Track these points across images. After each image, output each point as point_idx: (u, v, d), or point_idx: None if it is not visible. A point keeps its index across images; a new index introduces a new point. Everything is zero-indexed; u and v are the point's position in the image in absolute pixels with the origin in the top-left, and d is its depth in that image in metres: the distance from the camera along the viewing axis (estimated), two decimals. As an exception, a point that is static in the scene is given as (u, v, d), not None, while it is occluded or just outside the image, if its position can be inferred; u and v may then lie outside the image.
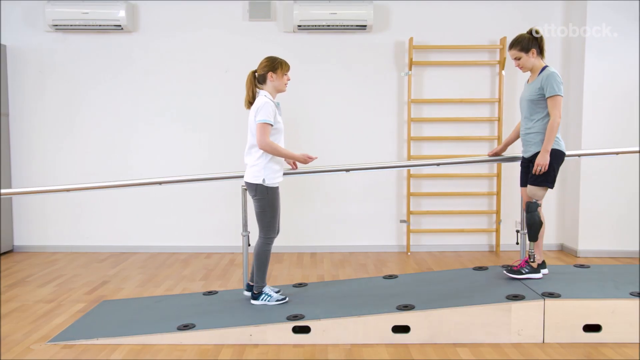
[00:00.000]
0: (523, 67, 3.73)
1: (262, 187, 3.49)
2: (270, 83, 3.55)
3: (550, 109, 3.57)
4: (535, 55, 3.67)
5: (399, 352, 3.15)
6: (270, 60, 3.56)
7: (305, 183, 5.71)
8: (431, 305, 3.36)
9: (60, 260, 5.48)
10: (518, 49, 3.67)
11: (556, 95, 3.55)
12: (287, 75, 3.59)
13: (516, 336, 3.25)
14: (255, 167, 3.51)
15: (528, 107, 3.71)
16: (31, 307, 3.98)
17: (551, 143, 3.57)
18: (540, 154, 3.59)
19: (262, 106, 3.45)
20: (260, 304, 3.62)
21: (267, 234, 3.57)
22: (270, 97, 3.54)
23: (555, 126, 3.55)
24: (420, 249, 5.82)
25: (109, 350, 3.17)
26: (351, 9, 5.49)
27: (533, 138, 3.68)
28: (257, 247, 3.60)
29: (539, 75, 3.65)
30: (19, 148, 5.80)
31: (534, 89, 3.65)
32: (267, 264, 3.63)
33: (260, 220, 3.57)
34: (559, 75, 3.61)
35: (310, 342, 3.27)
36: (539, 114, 3.64)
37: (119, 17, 5.50)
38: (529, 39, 3.66)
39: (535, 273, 3.73)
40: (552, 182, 3.66)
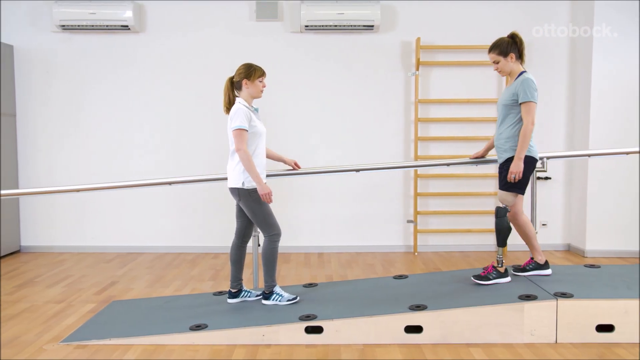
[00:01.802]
0: (501, 71, 3.70)
1: (243, 190, 3.51)
2: (246, 90, 3.58)
3: (523, 115, 3.54)
4: (514, 59, 3.63)
5: (412, 352, 3.15)
6: (245, 67, 3.59)
7: (312, 183, 5.71)
8: (443, 305, 3.35)
9: (68, 260, 5.48)
10: (496, 53, 3.64)
11: (529, 101, 3.51)
12: (262, 82, 3.61)
13: (529, 336, 3.25)
14: (235, 171, 3.54)
15: (502, 112, 3.68)
16: (41, 308, 3.97)
17: (524, 150, 3.53)
18: (513, 162, 3.56)
19: (235, 113, 3.49)
20: (271, 304, 3.62)
21: (270, 232, 3.59)
22: (245, 103, 3.56)
23: (527, 133, 3.51)
24: (427, 249, 5.82)
25: (122, 351, 3.17)
26: (358, 9, 5.49)
27: (504, 144, 3.66)
28: (263, 247, 3.62)
29: (515, 80, 3.62)
30: (25, 148, 5.80)
31: (509, 93, 3.63)
32: (275, 263, 3.64)
33: (256, 222, 3.61)
34: (534, 81, 3.57)
35: (323, 342, 3.27)
36: (512, 120, 3.61)
37: (126, 18, 5.50)
38: (507, 43, 3.62)
39: (503, 278, 3.69)
40: (522, 188, 3.64)
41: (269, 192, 3.50)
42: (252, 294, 3.80)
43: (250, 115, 3.51)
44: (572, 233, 5.76)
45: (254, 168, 3.46)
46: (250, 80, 3.55)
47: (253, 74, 3.56)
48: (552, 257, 5.47)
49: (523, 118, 3.53)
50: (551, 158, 4.18)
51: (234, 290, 3.77)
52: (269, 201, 3.53)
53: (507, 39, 3.65)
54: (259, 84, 3.59)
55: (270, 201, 3.54)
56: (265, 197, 3.49)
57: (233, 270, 3.78)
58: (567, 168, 5.77)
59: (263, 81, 3.62)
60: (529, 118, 3.51)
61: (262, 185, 3.49)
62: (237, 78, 3.59)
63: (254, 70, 3.57)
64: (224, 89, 3.63)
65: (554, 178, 5.71)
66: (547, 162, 4.11)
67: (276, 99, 5.73)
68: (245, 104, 3.56)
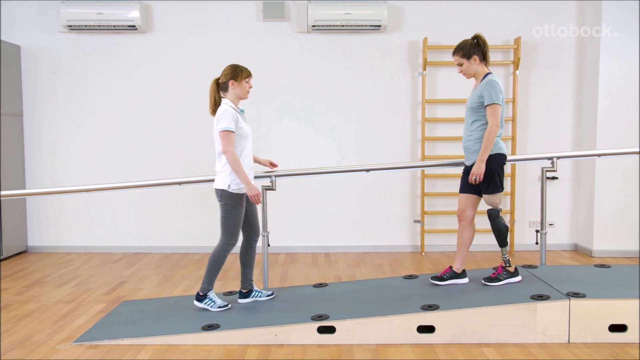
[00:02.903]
0: (466, 74, 3.69)
1: (227, 192, 3.51)
2: (232, 91, 3.57)
3: (488, 117, 3.54)
4: (478, 61, 3.63)
5: (425, 352, 3.15)
6: (232, 68, 3.58)
7: (319, 183, 5.71)
8: (455, 305, 3.35)
9: (75, 260, 5.48)
10: (460, 55, 3.64)
11: (494, 103, 3.51)
12: (248, 82, 3.60)
13: (541, 336, 3.25)
14: (222, 173, 3.54)
15: (469, 114, 3.68)
16: (51, 308, 3.97)
17: (487, 153, 3.53)
18: (475, 164, 3.57)
19: (221, 115, 3.48)
20: (201, 307, 3.62)
21: (228, 240, 3.58)
22: (232, 105, 3.55)
23: (492, 135, 3.51)
24: (434, 249, 5.82)
25: (135, 351, 3.17)
26: (365, 9, 5.49)
27: (472, 146, 3.66)
28: (214, 250, 3.61)
29: (480, 83, 3.62)
30: (32, 148, 5.80)
31: (474, 96, 3.63)
32: (219, 269, 3.63)
33: (223, 225, 3.59)
34: (499, 83, 3.56)
35: (335, 343, 3.27)
36: (478, 122, 3.62)
37: (133, 18, 5.50)
38: (471, 45, 3.62)
39: (514, 277, 3.71)
40: (500, 185, 3.65)
41: (257, 194, 3.49)
42: (262, 294, 3.80)
43: (237, 117, 3.51)
44: (579, 233, 5.75)
45: (241, 169, 3.45)
46: (237, 81, 3.55)
47: (240, 75, 3.55)
48: (559, 257, 5.47)
49: (488, 120, 3.54)
50: (561, 158, 4.16)
51: (244, 291, 3.79)
52: (257, 202, 3.52)
53: (471, 41, 3.65)
54: (245, 85, 3.59)
55: (259, 202, 3.54)
56: (253, 198, 3.48)
57: (242, 271, 3.79)
58: (574, 168, 5.77)
59: (249, 82, 3.62)
60: (493, 120, 3.51)
61: (251, 187, 3.48)
62: (223, 79, 3.58)
63: (240, 71, 3.56)
64: (209, 90, 3.62)
65: (560, 178, 5.71)
66: (556, 162, 4.11)
67: (282, 98, 5.74)
68: (232, 105, 3.55)
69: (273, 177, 4.09)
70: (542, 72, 5.71)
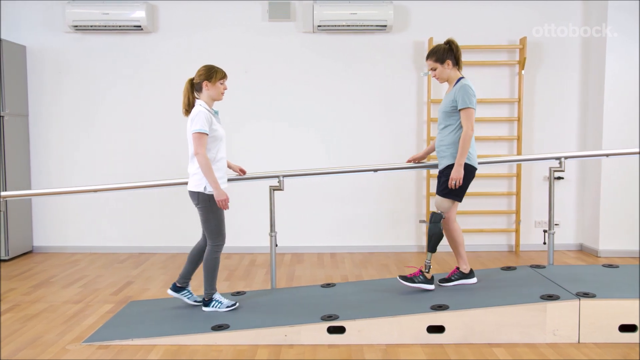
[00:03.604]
0: (439, 78, 3.69)
1: (204, 195, 3.49)
2: (206, 92, 3.55)
3: (462, 121, 3.54)
4: (451, 66, 3.64)
5: (435, 352, 3.15)
6: (206, 69, 3.55)
7: (324, 183, 5.71)
8: (465, 305, 3.36)
9: (81, 260, 5.48)
10: (433, 60, 3.64)
11: (468, 107, 3.51)
12: (223, 84, 3.58)
13: (551, 336, 3.25)
14: (196, 175, 3.51)
15: (442, 119, 3.68)
16: (60, 308, 3.98)
17: (464, 157, 3.53)
18: (454, 168, 3.55)
19: (195, 116, 3.45)
20: (211, 311, 3.62)
21: (215, 241, 3.58)
22: (206, 106, 3.53)
23: (467, 139, 3.51)
24: (440, 249, 5.64)
25: (145, 351, 3.17)
26: (371, 9, 5.49)
27: (444, 151, 3.66)
28: (205, 254, 3.60)
29: (454, 87, 3.62)
30: (37, 149, 5.80)
31: (448, 100, 3.63)
32: (216, 271, 3.63)
33: (206, 229, 3.59)
34: (472, 87, 3.56)
35: (345, 343, 3.27)
36: (451, 126, 3.62)
37: (139, 18, 5.50)
38: (444, 50, 3.63)
39: (427, 284, 3.69)
40: (460, 195, 3.64)
41: (225, 199, 3.47)
42: (192, 296, 3.78)
43: (211, 119, 3.49)
44: (585, 233, 5.75)
45: (211, 173, 3.43)
46: (211, 82, 3.52)
47: (214, 76, 3.52)
48: (565, 257, 5.47)
49: (463, 124, 3.54)
50: (569, 158, 4.16)
51: (178, 285, 3.77)
52: (225, 207, 3.50)
53: (444, 45, 3.65)
54: (220, 86, 3.57)
55: (227, 207, 3.51)
56: (221, 203, 3.46)
57: (187, 268, 3.76)
58: (580, 168, 5.77)
59: (224, 83, 3.60)
60: (468, 124, 3.52)
61: (219, 191, 3.45)
62: (197, 80, 3.55)
63: (215, 72, 3.53)
64: (183, 91, 3.59)
65: (566, 178, 5.71)
66: (564, 162, 4.10)
67: (287, 98, 5.74)
68: (206, 106, 3.53)
69: (281, 178, 4.09)
70: (547, 72, 5.71)
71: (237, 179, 4.15)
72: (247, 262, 5.41)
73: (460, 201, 3.70)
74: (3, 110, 5.38)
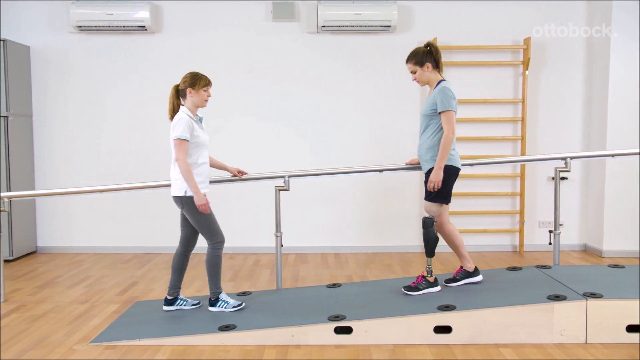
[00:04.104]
0: (419, 81, 3.69)
1: (186, 198, 3.51)
2: (190, 98, 3.57)
3: (443, 124, 3.53)
4: (431, 69, 3.63)
5: (442, 353, 3.15)
6: (191, 76, 3.58)
7: (327, 183, 5.71)
8: (472, 305, 3.36)
9: (85, 261, 5.48)
10: (413, 63, 3.64)
11: (447, 110, 3.50)
12: (207, 91, 3.60)
13: (558, 336, 3.25)
14: (178, 180, 3.54)
15: (423, 122, 3.68)
16: (65, 308, 3.98)
17: (444, 160, 3.52)
18: (433, 171, 3.55)
19: (177, 122, 3.49)
20: (217, 311, 3.62)
21: (214, 240, 3.60)
22: (189, 112, 3.55)
23: (447, 142, 3.50)
24: (443, 249, 5.69)
25: (152, 351, 3.17)
26: (375, 10, 5.50)
27: (425, 154, 3.67)
28: (207, 255, 3.62)
29: (434, 90, 3.61)
30: (41, 149, 5.80)
31: (428, 103, 3.62)
32: (219, 270, 3.65)
33: (200, 230, 3.61)
34: (451, 90, 3.55)
35: (352, 343, 3.27)
36: (432, 129, 3.61)
37: (143, 18, 5.50)
38: (423, 53, 3.62)
39: (433, 287, 3.69)
40: (446, 197, 3.63)
41: (205, 203, 3.49)
42: (188, 302, 3.79)
43: (193, 125, 3.51)
44: (589, 233, 5.75)
45: (191, 178, 3.46)
46: (194, 89, 3.55)
47: (198, 83, 3.55)
48: (569, 257, 5.47)
49: (443, 127, 3.53)
50: (575, 158, 4.17)
51: (170, 298, 3.77)
52: (205, 212, 3.52)
53: (423, 48, 3.65)
54: (203, 94, 3.59)
55: (207, 212, 3.53)
56: (201, 207, 3.48)
57: (173, 277, 3.78)
58: (584, 168, 5.77)
59: (208, 90, 3.62)
60: (448, 127, 3.51)
61: (199, 196, 3.47)
62: (182, 86, 3.58)
63: (199, 79, 3.56)
64: (169, 97, 3.62)
65: (570, 178, 5.68)
66: (570, 163, 4.11)
67: (291, 98, 5.74)
68: (189, 113, 3.55)
69: (287, 178, 4.09)
70: (551, 73, 5.71)
71: (242, 180, 4.15)
72: (251, 262, 5.41)
73: (448, 203, 3.68)
74: (7, 110, 5.38)
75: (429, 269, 3.72)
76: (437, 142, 3.58)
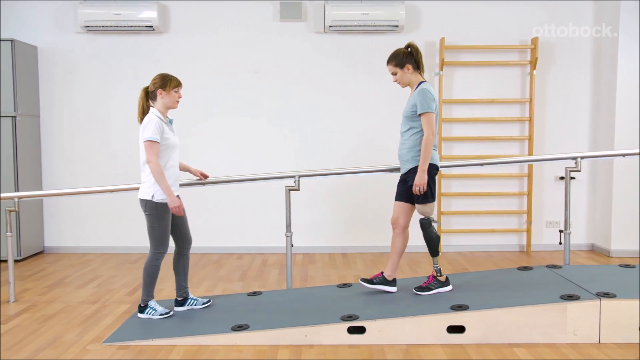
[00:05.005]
0: (400, 83, 3.69)
1: (152, 202, 3.51)
2: (160, 100, 3.57)
3: (423, 125, 3.53)
4: (412, 70, 3.62)
5: (456, 352, 3.15)
6: (161, 77, 3.58)
7: (335, 184, 5.71)
8: (485, 305, 3.35)
9: (93, 261, 5.48)
10: (393, 65, 3.64)
11: (427, 112, 3.50)
12: (177, 92, 3.60)
13: (572, 336, 3.25)
14: (146, 183, 3.54)
15: (403, 123, 3.69)
16: (76, 308, 3.98)
17: (426, 162, 3.52)
18: (417, 174, 3.55)
19: (146, 124, 3.48)
20: (145, 317, 3.62)
21: (157, 249, 3.59)
22: (159, 114, 3.55)
23: (428, 144, 3.50)
24: (451, 249, 5.82)
25: (166, 351, 3.17)
26: (383, 10, 5.50)
27: (406, 154, 3.67)
28: (146, 261, 3.62)
29: (414, 92, 3.61)
30: (48, 149, 5.80)
31: (409, 105, 3.63)
32: (155, 279, 3.64)
33: (150, 236, 3.60)
34: (430, 91, 3.55)
35: (365, 343, 3.27)
36: (412, 131, 3.62)
37: (151, 18, 5.50)
38: (404, 54, 3.62)
39: (445, 286, 3.69)
40: (432, 195, 3.64)
41: (178, 205, 3.49)
42: (198, 302, 3.80)
43: (163, 127, 3.51)
44: (596, 233, 5.75)
45: (164, 180, 3.45)
46: (165, 91, 3.54)
47: (168, 84, 3.54)
48: (577, 257, 5.47)
49: (424, 129, 3.53)
50: (585, 158, 4.17)
51: (180, 299, 3.79)
52: (179, 214, 3.51)
53: (404, 50, 3.64)
54: (174, 95, 3.58)
55: (181, 214, 3.52)
56: (175, 210, 3.48)
57: (177, 279, 3.80)
58: (591, 168, 5.77)
59: (179, 92, 3.61)
60: (429, 129, 3.51)
61: (172, 198, 3.47)
62: (152, 88, 3.57)
63: (169, 81, 3.56)
64: (138, 99, 3.61)
65: (577, 178, 5.69)
66: (580, 162, 4.11)
67: (299, 98, 5.74)
68: (159, 115, 3.55)
69: (297, 178, 4.10)
70: (558, 72, 5.71)
71: (254, 180, 4.16)
72: (259, 262, 5.41)
73: (434, 200, 3.69)
74: (15, 110, 5.38)
75: (437, 268, 3.72)
76: (417, 143, 3.59)
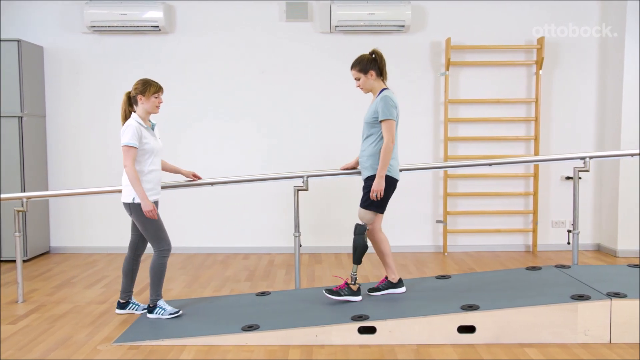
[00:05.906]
0: (363, 88, 3.68)
1: (135, 205, 3.53)
2: (141, 105, 3.60)
3: (383, 132, 3.53)
4: (375, 77, 3.61)
5: (467, 352, 3.14)
6: (141, 82, 3.60)
7: (341, 184, 5.69)
8: (495, 305, 3.35)
9: (99, 261, 5.48)
10: (357, 70, 3.63)
11: (388, 119, 3.50)
12: (157, 97, 3.61)
13: (582, 336, 3.25)
14: (127, 186, 3.56)
15: (364, 129, 3.68)
16: (85, 309, 3.98)
17: (384, 169, 3.51)
18: (375, 180, 3.53)
19: (125, 130, 3.52)
20: (154, 317, 3.64)
21: (160, 247, 3.61)
22: (139, 119, 3.57)
23: (387, 151, 3.49)
24: (457, 249, 5.82)
25: (177, 351, 3.17)
26: (389, 9, 5.50)
27: (365, 162, 3.65)
28: (152, 261, 3.63)
29: (376, 98, 3.61)
30: (54, 149, 5.80)
31: (370, 111, 3.62)
32: (162, 278, 3.66)
33: (147, 236, 3.62)
34: (392, 98, 3.54)
35: (376, 343, 3.26)
36: (372, 137, 3.60)
37: (157, 18, 5.50)
38: (367, 60, 3.61)
39: (355, 296, 3.64)
40: (381, 207, 3.61)
41: (152, 209, 3.50)
42: (139, 307, 3.82)
43: (142, 132, 3.53)
44: (602, 233, 5.75)
45: (138, 184, 3.48)
46: (145, 96, 3.57)
47: (148, 90, 3.57)
48: (584, 257, 5.46)
49: (384, 135, 3.52)
50: (594, 158, 4.17)
51: (122, 301, 3.81)
52: (153, 217, 3.53)
53: (368, 56, 3.64)
54: (154, 100, 3.60)
55: (155, 218, 3.54)
56: (148, 214, 3.49)
57: (124, 282, 3.82)
58: (597, 168, 5.77)
59: (159, 97, 3.63)
60: (388, 136, 3.50)
61: (146, 202, 3.48)
62: (133, 93, 3.60)
63: (149, 86, 3.58)
64: (121, 103, 3.66)
65: (583, 178, 5.69)
66: (589, 162, 4.11)
67: (303, 98, 5.74)
68: (139, 120, 3.57)
69: (305, 178, 4.10)
70: (564, 72, 5.71)
71: (263, 180, 4.16)
72: (266, 262, 5.41)
73: (382, 212, 3.66)
74: (21, 110, 5.38)
75: (353, 276, 3.66)
76: (377, 151, 3.57)
